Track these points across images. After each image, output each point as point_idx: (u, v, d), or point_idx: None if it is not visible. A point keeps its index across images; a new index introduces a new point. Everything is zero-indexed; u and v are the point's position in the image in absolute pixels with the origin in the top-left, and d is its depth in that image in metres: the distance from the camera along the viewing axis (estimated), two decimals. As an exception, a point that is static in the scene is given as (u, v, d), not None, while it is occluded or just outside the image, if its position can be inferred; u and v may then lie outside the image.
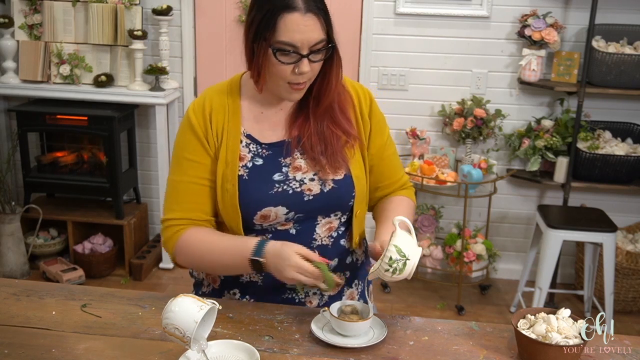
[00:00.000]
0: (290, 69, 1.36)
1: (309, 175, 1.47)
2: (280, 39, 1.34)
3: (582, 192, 3.59)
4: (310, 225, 1.49)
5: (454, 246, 3.51)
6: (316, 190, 1.46)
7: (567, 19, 3.45)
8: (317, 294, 1.54)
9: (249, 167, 1.46)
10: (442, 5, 3.51)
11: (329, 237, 1.51)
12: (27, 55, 3.61)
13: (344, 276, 1.56)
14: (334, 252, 1.52)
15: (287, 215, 1.45)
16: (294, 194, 1.45)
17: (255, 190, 1.44)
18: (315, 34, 1.34)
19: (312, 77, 1.41)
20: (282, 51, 1.35)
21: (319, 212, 1.48)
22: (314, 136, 1.47)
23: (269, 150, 1.48)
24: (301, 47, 1.34)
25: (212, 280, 1.59)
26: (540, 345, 1.25)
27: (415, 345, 1.35)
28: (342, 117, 1.49)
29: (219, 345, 1.26)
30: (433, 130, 3.66)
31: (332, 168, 1.47)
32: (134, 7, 3.53)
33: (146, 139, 3.88)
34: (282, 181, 1.46)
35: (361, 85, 1.59)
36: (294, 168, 1.47)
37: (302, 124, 1.48)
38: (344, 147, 1.48)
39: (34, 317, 1.41)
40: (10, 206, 3.54)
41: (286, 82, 1.39)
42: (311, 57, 1.36)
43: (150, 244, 3.91)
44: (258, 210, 1.43)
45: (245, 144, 1.48)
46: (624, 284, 3.42)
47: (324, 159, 1.46)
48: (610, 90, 3.28)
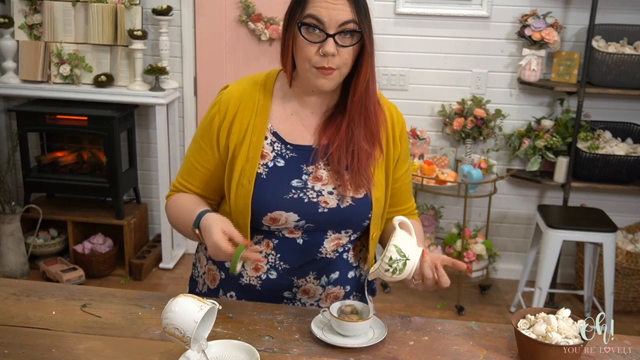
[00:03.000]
0: (315, 49, 1.33)
1: (328, 188, 1.44)
2: (307, 12, 1.33)
3: (582, 192, 3.59)
4: (319, 238, 1.46)
5: (454, 246, 3.51)
6: (332, 204, 1.43)
7: (567, 19, 3.45)
8: (313, 306, 1.53)
9: (269, 166, 1.43)
10: (442, 5, 3.51)
11: (334, 252, 1.49)
12: (27, 55, 3.61)
13: (344, 290, 1.54)
14: (337, 266, 1.50)
15: (297, 223, 1.43)
16: (309, 204, 1.42)
17: (270, 191, 1.42)
18: (344, 15, 1.32)
19: (341, 65, 1.36)
20: (308, 26, 1.33)
21: (330, 226, 1.46)
22: (342, 148, 1.43)
23: (293, 152, 1.45)
24: (327, 24, 1.31)
25: (211, 278, 1.58)
26: (540, 345, 1.25)
27: (415, 345, 1.35)
28: (374, 127, 1.45)
29: (219, 345, 1.26)
30: (433, 130, 3.66)
31: (354, 185, 1.43)
32: (134, 7, 3.53)
33: (146, 139, 3.88)
34: (299, 188, 1.43)
35: (396, 109, 1.55)
36: (314, 178, 1.44)
37: (333, 134, 1.44)
38: (369, 165, 1.45)
39: (34, 317, 1.41)
40: (10, 206, 3.54)
41: (313, 66, 1.35)
42: (338, 39, 1.33)
43: (150, 244, 3.91)
44: (269, 212, 1.42)
45: (270, 141, 1.45)
46: (624, 284, 3.42)
47: (347, 175, 1.43)
48: (610, 90, 3.28)
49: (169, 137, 3.72)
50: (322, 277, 1.50)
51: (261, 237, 1.47)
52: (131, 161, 3.81)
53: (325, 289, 1.51)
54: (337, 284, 1.52)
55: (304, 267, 1.48)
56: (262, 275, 1.49)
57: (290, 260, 1.47)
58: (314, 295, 1.52)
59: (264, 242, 1.47)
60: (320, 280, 1.50)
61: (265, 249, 1.47)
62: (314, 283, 1.50)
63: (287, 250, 1.46)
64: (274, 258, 1.47)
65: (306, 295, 1.52)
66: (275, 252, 1.47)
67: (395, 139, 1.51)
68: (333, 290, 1.52)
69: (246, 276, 1.51)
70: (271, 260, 1.47)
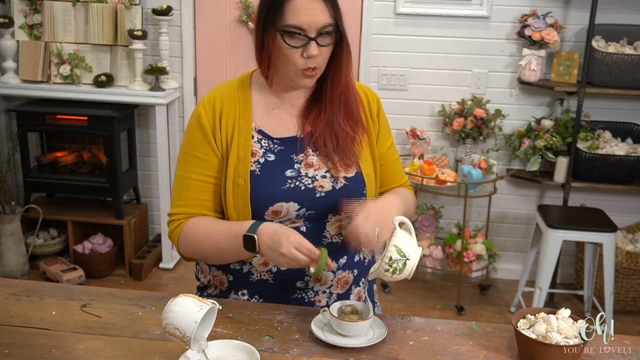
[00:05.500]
0: (299, 53, 1.39)
1: (321, 172, 1.49)
2: (288, 22, 1.37)
3: (582, 192, 3.59)
4: (321, 223, 1.50)
5: (454, 246, 3.51)
6: (328, 187, 1.48)
7: (567, 19, 3.45)
8: (325, 292, 1.54)
9: (261, 162, 1.47)
10: (442, 5, 3.51)
11: (338, 236, 1.52)
12: (27, 55, 3.61)
13: (352, 274, 1.56)
14: (343, 251, 1.52)
15: (298, 212, 1.46)
16: (306, 191, 1.46)
17: (267, 185, 1.45)
18: (322, 17, 1.37)
19: (322, 63, 1.43)
20: (290, 34, 1.37)
21: (330, 209, 1.49)
22: (326, 132, 1.49)
23: (281, 145, 1.49)
24: (308, 29, 1.37)
25: (219, 282, 1.58)
26: (540, 345, 1.25)
27: (415, 345, 1.35)
28: (354, 109, 1.52)
29: (219, 345, 1.26)
30: (433, 130, 3.66)
31: (343, 165, 1.49)
32: (134, 7, 3.53)
33: (146, 139, 3.88)
34: (294, 177, 1.47)
35: (370, 89, 1.63)
36: (306, 164, 1.49)
37: (314, 120, 1.51)
38: (353, 144, 1.51)
39: (34, 317, 1.41)
40: (10, 206, 3.54)
41: (297, 69, 1.41)
42: (319, 41, 1.38)
43: (150, 244, 3.91)
44: (270, 206, 1.44)
45: (257, 139, 1.49)
46: (624, 284, 3.42)
47: (336, 156, 1.49)
48: (610, 90, 3.28)
49: (169, 137, 3.72)
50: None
51: None
52: (131, 161, 3.81)
53: (336, 275, 1.53)
54: (346, 269, 1.54)
55: None
56: (273, 268, 1.50)
57: None
58: (326, 282, 1.53)
59: None
60: None
61: None
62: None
63: None
64: None
65: (318, 282, 1.53)
66: None
67: (373, 116, 1.59)
68: (343, 275, 1.54)
69: (256, 273, 1.51)
70: None
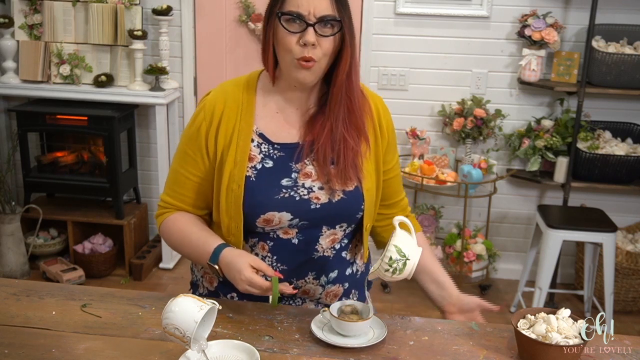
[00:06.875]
0: (295, 39, 1.34)
1: (317, 184, 1.44)
2: (287, 8, 1.35)
3: (582, 192, 3.59)
4: (314, 236, 1.46)
5: (454, 246, 3.51)
6: (324, 199, 1.44)
7: (567, 19, 3.45)
8: (313, 301, 1.54)
9: (257, 168, 1.43)
10: (442, 5, 3.51)
11: (331, 249, 1.49)
12: (27, 55, 3.61)
13: (343, 287, 1.54)
14: (335, 264, 1.50)
15: (291, 222, 1.43)
16: (301, 201, 1.42)
17: (261, 193, 1.42)
18: (324, 7, 1.34)
19: (321, 57, 1.37)
20: (289, 19, 1.35)
21: (324, 221, 1.46)
22: (327, 142, 1.43)
23: (281, 151, 1.45)
24: (308, 15, 1.33)
25: (208, 283, 1.58)
26: (540, 345, 1.25)
27: (415, 345, 1.35)
28: (357, 117, 1.46)
29: (219, 345, 1.26)
30: (433, 130, 3.66)
31: (342, 178, 1.44)
32: (134, 7, 3.53)
33: (146, 139, 3.88)
34: (290, 187, 1.43)
35: (382, 101, 1.56)
36: (303, 174, 1.44)
37: (317, 128, 1.45)
38: (356, 157, 1.45)
39: (34, 317, 1.41)
40: (10, 206, 3.54)
41: (294, 58, 1.36)
42: (318, 29, 1.34)
43: (150, 244, 3.91)
44: (262, 214, 1.41)
45: (256, 143, 1.45)
46: (624, 284, 3.42)
47: (334, 171, 1.44)
48: (610, 90, 3.28)
49: (169, 137, 3.72)
50: (321, 277, 1.50)
51: (256, 239, 1.46)
52: (131, 161, 3.81)
53: (325, 288, 1.51)
54: (336, 282, 1.52)
55: (302, 268, 1.47)
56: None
57: (287, 261, 1.46)
58: (314, 295, 1.52)
59: (259, 245, 1.47)
60: (319, 280, 1.50)
61: (260, 252, 1.47)
62: (313, 283, 1.50)
63: (283, 251, 1.46)
64: (271, 260, 1.46)
65: (306, 295, 1.52)
66: (272, 254, 1.46)
67: (382, 129, 1.52)
68: (332, 289, 1.53)
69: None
70: (268, 263, 1.46)
